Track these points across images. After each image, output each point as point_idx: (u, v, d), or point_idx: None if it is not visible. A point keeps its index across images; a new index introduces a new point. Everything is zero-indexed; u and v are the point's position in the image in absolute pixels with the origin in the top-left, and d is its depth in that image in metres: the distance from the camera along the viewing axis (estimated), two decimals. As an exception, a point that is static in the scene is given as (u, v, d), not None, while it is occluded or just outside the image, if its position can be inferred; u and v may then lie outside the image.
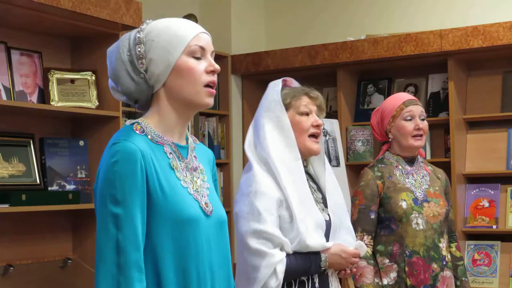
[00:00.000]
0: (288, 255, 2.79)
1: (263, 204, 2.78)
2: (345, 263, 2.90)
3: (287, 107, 2.96)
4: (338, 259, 2.87)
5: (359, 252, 2.94)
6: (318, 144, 2.99)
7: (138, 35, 2.11)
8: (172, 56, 2.10)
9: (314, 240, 2.81)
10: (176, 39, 2.11)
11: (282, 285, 2.80)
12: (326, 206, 3.02)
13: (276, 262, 2.70)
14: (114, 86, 2.20)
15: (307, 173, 3.06)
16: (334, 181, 3.10)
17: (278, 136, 2.91)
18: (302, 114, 2.95)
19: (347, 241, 2.96)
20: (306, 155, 2.99)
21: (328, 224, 2.93)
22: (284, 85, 3.03)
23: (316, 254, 2.84)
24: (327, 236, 2.91)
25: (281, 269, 2.71)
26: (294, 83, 3.10)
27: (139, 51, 2.09)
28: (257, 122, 2.96)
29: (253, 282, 2.71)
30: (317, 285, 2.88)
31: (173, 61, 2.10)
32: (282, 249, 2.78)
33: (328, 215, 2.97)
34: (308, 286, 2.86)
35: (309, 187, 2.99)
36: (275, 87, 2.98)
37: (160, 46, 2.10)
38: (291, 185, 2.84)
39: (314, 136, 2.98)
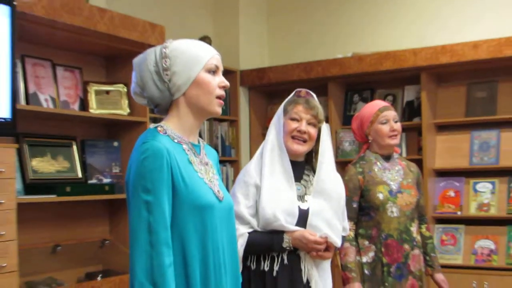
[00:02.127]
0: (254, 231, 2.81)
1: (240, 190, 2.88)
2: (306, 248, 2.80)
3: (285, 112, 2.98)
4: (299, 243, 2.79)
5: (322, 240, 2.86)
6: (299, 146, 2.91)
7: (164, 50, 2.17)
8: (193, 71, 2.15)
9: (277, 223, 2.79)
10: (197, 57, 2.17)
11: (256, 258, 2.84)
12: (303, 198, 2.97)
13: (238, 235, 2.66)
14: (137, 91, 2.24)
15: (308, 167, 3.06)
16: (330, 179, 2.99)
17: (274, 135, 2.96)
18: (292, 119, 2.95)
19: (321, 230, 2.84)
20: (290, 154, 2.94)
21: (304, 212, 2.87)
22: (296, 94, 3.04)
23: (279, 234, 2.80)
24: (303, 223, 2.85)
25: (241, 242, 2.73)
26: (305, 92, 3.04)
27: (165, 64, 2.15)
28: (272, 122, 3.03)
29: None
30: (285, 261, 2.81)
31: (194, 75, 2.15)
32: (250, 227, 2.82)
33: (305, 207, 2.90)
34: (277, 261, 2.81)
35: (301, 178, 2.99)
36: (289, 97, 3.03)
37: (183, 62, 2.15)
38: (270, 176, 2.86)
39: (295, 138, 2.93)
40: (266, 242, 2.81)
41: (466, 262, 5.66)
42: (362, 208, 3.58)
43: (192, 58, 2.17)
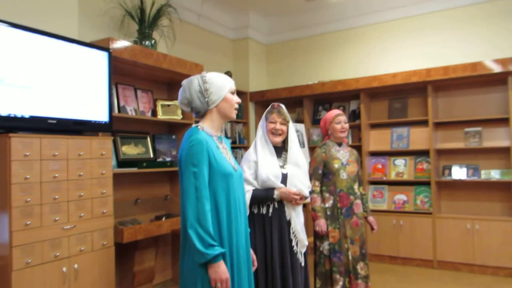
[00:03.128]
0: (256, 189, 2.85)
1: (245, 164, 2.93)
2: (288, 198, 2.83)
3: (266, 118, 3.05)
4: (283, 195, 2.82)
5: (298, 193, 2.92)
6: (276, 138, 2.97)
7: (205, 78, 2.20)
8: (223, 92, 2.22)
9: (270, 182, 2.84)
10: (225, 84, 2.24)
11: (256, 206, 2.88)
12: (283, 167, 2.99)
13: (246, 191, 2.70)
14: (185, 103, 2.25)
15: (284, 150, 3.04)
16: (299, 154, 3.12)
17: (261, 132, 3.03)
18: (270, 122, 3.01)
19: (295, 187, 2.90)
20: (272, 142, 2.98)
21: (285, 175, 2.90)
22: (272, 106, 3.10)
23: (271, 190, 2.84)
24: (285, 182, 2.89)
25: (248, 196, 2.78)
26: (278, 106, 3.13)
27: (206, 87, 2.18)
28: (259, 126, 3.09)
29: None
30: (276, 207, 2.86)
31: (224, 95, 2.21)
32: (253, 186, 2.85)
33: (284, 171, 2.93)
34: (270, 207, 2.86)
35: (280, 156, 3.00)
36: (268, 108, 3.09)
37: (217, 87, 2.21)
38: (262, 155, 2.92)
39: (273, 133, 2.98)
40: (263, 195, 2.85)
41: (389, 208, 5.65)
42: (325, 173, 3.59)
43: (222, 84, 2.22)
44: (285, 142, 3.09)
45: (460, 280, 4.80)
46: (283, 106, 3.12)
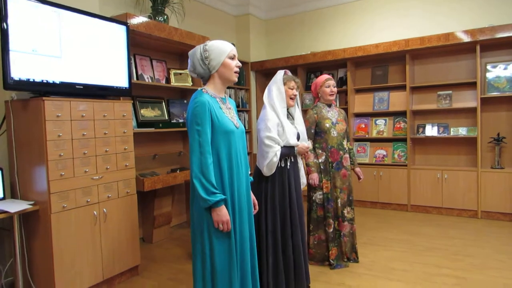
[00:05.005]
0: (281, 147, 2.80)
1: (270, 124, 2.77)
2: (302, 151, 2.92)
3: (284, 83, 2.97)
4: (300, 150, 2.88)
5: (307, 146, 2.98)
6: (293, 102, 2.93)
7: (206, 47, 2.14)
8: (221, 58, 2.11)
9: (292, 141, 2.83)
10: (223, 49, 2.12)
11: (280, 160, 2.85)
12: (298, 126, 3.03)
13: (276, 150, 2.72)
14: (191, 70, 2.21)
15: (289, 113, 3.03)
16: (300, 117, 3.11)
17: (278, 95, 2.92)
18: (289, 88, 2.95)
19: (306, 141, 2.98)
20: (288, 106, 2.94)
21: (298, 135, 2.93)
22: (285, 73, 3.04)
23: (292, 147, 2.85)
24: (297, 139, 2.94)
25: (277, 153, 2.74)
26: (288, 73, 3.07)
27: (206, 55, 2.12)
28: (270, 87, 2.96)
29: (266, 158, 2.76)
30: (292, 159, 2.87)
31: (222, 60, 2.12)
32: (279, 144, 2.79)
33: (298, 131, 2.98)
34: (289, 160, 2.86)
35: (289, 118, 2.99)
36: (280, 73, 2.97)
37: (216, 53, 2.10)
38: (282, 117, 2.84)
39: (292, 98, 2.96)
40: (287, 151, 2.82)
41: (370, 161, 5.67)
42: (317, 132, 3.55)
43: (220, 51, 2.10)
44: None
45: (430, 221, 4.87)
46: (289, 72, 3.08)
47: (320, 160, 3.50)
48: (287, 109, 2.99)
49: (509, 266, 3.39)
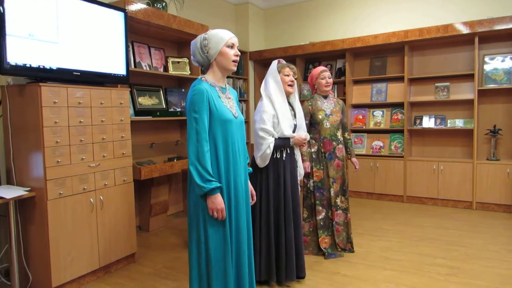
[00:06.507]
0: (275, 138, 2.79)
1: (265, 116, 2.77)
2: (299, 143, 2.91)
3: (279, 72, 2.94)
4: (296, 141, 2.87)
5: (305, 137, 2.96)
6: (291, 88, 2.90)
7: (205, 36, 2.11)
8: (219, 47, 2.09)
9: (287, 132, 2.81)
10: (221, 38, 2.10)
11: (275, 151, 2.86)
12: (295, 117, 3.01)
13: (269, 142, 2.72)
14: (193, 59, 2.20)
15: (289, 103, 2.99)
16: (300, 107, 3.08)
17: (275, 85, 2.90)
18: (285, 75, 2.92)
19: (302, 134, 2.97)
20: (287, 94, 2.92)
21: (295, 126, 2.92)
22: (278, 62, 3.00)
23: (287, 138, 2.84)
24: (293, 131, 2.92)
25: (271, 145, 2.74)
26: (282, 61, 3.04)
27: (205, 44, 2.10)
28: (266, 79, 2.94)
29: (259, 150, 2.76)
30: (288, 151, 2.88)
31: (219, 49, 2.10)
32: (273, 136, 2.78)
33: (295, 122, 2.96)
34: (285, 151, 2.86)
35: (289, 109, 2.96)
36: (274, 63, 2.96)
37: (214, 42, 2.09)
38: (279, 108, 2.80)
39: (290, 85, 2.94)
40: (282, 142, 2.82)
41: (367, 152, 5.67)
42: (311, 123, 3.56)
43: (218, 40, 2.09)
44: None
45: (425, 211, 4.89)
46: (283, 60, 3.04)
47: (312, 150, 3.52)
48: (288, 97, 2.98)
49: (503, 256, 3.41)
